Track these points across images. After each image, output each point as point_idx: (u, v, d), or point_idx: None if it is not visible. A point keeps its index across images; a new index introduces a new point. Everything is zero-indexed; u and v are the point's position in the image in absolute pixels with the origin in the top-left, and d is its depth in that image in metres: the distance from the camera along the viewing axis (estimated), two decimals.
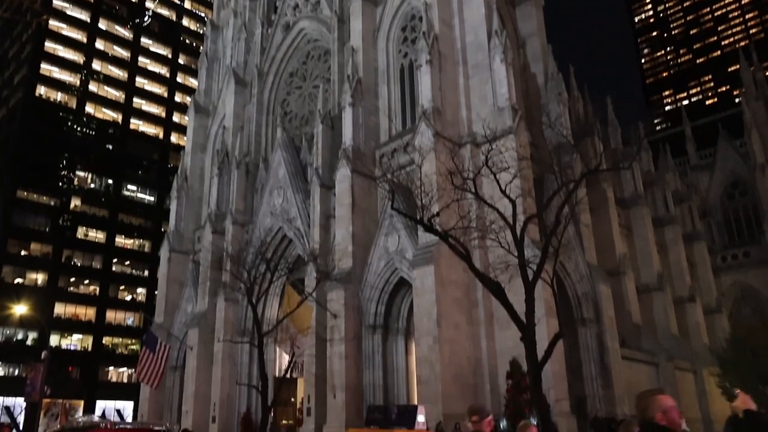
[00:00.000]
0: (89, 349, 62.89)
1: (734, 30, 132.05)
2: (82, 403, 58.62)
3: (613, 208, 35.59)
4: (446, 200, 19.69)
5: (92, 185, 68.80)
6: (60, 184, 65.25)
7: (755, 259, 49.04)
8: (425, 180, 20.65)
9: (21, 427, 43.96)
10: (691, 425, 24.53)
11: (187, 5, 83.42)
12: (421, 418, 13.05)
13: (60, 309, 61.76)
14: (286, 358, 31.10)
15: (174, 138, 75.78)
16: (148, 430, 9.14)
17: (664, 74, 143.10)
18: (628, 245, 37.81)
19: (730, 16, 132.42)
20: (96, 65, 71.95)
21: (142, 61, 76.41)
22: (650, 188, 44.04)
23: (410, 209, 22.59)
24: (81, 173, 67.83)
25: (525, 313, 16.86)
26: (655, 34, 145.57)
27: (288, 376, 28.62)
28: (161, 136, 75.85)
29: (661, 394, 4.25)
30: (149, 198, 72.59)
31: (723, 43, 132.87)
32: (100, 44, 72.99)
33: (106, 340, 64.74)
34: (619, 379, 28.45)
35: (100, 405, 56.89)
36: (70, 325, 62.25)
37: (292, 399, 36.21)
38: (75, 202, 66.29)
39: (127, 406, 57.02)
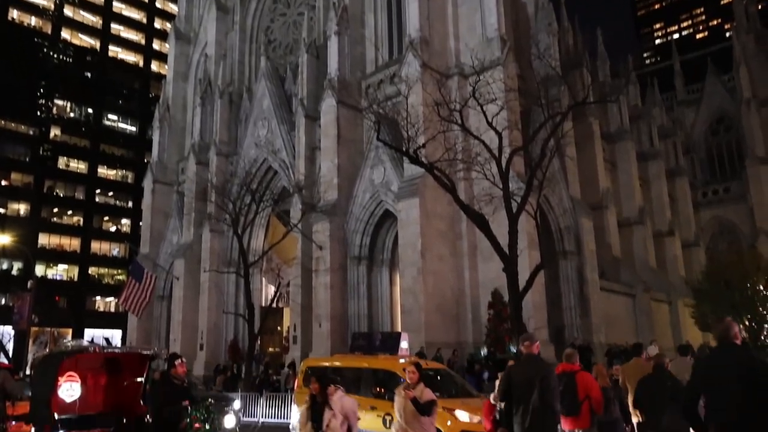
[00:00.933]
0: (75, 279, 63.19)
1: None
2: (70, 331, 59.42)
3: (599, 143, 35.69)
4: (432, 132, 19.58)
5: (72, 114, 67.26)
6: (38, 113, 63.69)
7: (735, 195, 49.77)
8: (411, 111, 20.43)
9: (10, 354, 44.65)
10: (664, 353, 25.47)
11: None
12: (404, 344, 13.41)
13: (44, 239, 61.60)
14: (271, 288, 31.54)
15: (155, 66, 73.69)
16: (136, 354, 9.30)
17: (656, 6, 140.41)
18: (611, 179, 38.15)
19: None
20: None
21: None
22: (636, 123, 44.08)
23: (396, 141, 22.46)
24: (60, 102, 66.16)
25: (508, 244, 17.14)
26: None
27: (274, 305, 29.07)
28: (141, 64, 73.73)
29: (730, 318, 5.43)
30: (131, 128, 71.27)
31: None
32: None
33: (92, 270, 65.00)
34: (597, 309, 29.33)
35: (89, 333, 57.64)
36: (55, 256, 62.26)
37: (279, 328, 36.96)
38: (55, 132, 64.96)
39: (115, 335, 57.82)
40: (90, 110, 68.07)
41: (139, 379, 8.76)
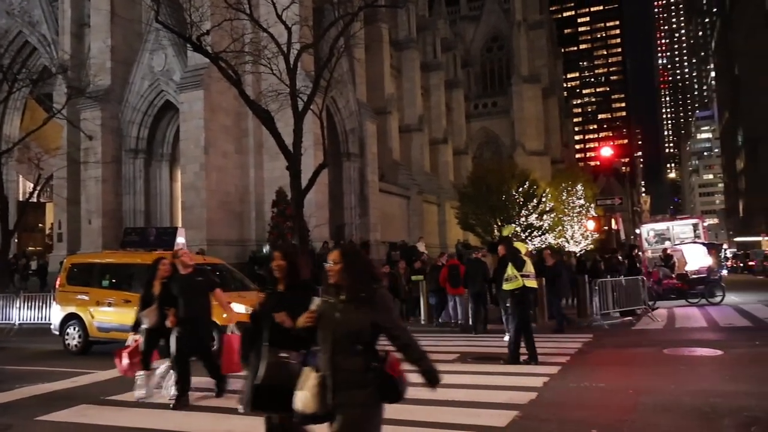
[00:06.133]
0: None
1: None
2: None
3: (387, 48, 36.71)
4: (218, 19, 18.39)
5: None
6: None
7: (501, 109, 55.28)
8: None
9: None
10: (430, 249, 28.27)
11: None
12: (180, 239, 13.07)
13: None
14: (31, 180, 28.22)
15: None
16: None
17: None
18: (396, 86, 39.80)
19: None
20: None
21: None
22: (422, 33, 45.99)
23: (180, 26, 20.72)
24: None
25: (293, 143, 17.20)
26: None
27: (34, 199, 26.15)
28: None
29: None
30: None
31: None
32: None
33: None
34: (375, 209, 31.23)
35: None
36: None
37: (40, 225, 33.61)
38: None
39: None
40: None
41: None
